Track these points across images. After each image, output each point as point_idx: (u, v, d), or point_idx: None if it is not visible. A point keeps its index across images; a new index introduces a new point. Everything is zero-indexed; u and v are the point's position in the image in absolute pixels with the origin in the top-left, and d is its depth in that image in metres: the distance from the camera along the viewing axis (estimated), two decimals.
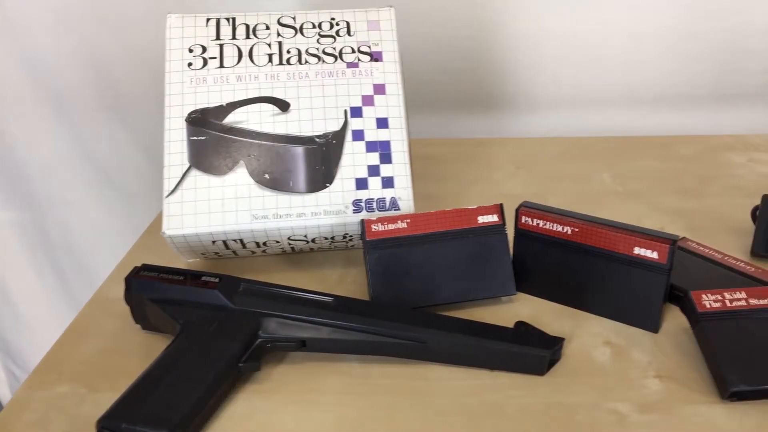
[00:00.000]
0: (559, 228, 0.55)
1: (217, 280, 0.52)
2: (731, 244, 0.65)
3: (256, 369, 0.49)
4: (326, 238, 0.62)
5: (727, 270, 0.58)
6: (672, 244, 0.50)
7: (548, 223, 0.56)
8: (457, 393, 0.49)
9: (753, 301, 0.49)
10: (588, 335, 0.54)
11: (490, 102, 0.98)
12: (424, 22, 0.91)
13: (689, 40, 0.92)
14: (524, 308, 0.58)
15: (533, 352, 0.49)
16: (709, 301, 0.49)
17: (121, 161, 1.04)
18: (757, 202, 0.65)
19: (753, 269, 0.57)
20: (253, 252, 0.64)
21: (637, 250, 0.52)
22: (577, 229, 0.54)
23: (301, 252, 0.66)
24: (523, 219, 0.57)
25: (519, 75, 0.96)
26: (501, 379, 0.50)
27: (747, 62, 0.93)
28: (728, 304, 0.49)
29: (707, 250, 0.60)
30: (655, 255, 0.51)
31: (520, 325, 0.53)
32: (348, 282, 0.62)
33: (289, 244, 0.62)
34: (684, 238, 0.63)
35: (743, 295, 0.50)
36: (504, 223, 0.58)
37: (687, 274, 0.57)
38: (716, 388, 0.47)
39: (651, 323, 0.54)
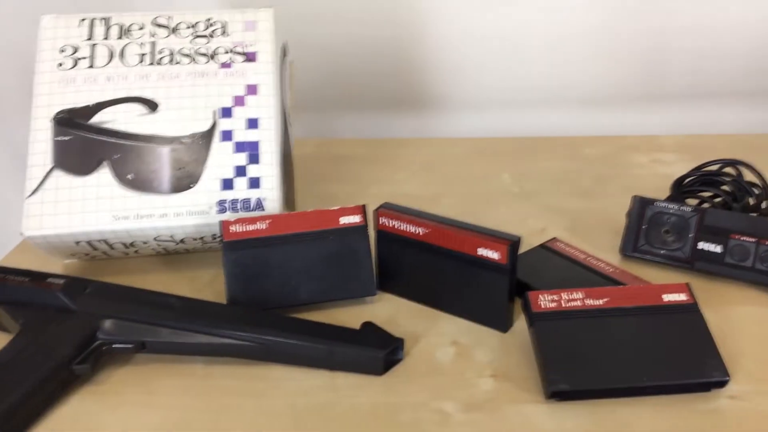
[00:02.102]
0: (413, 229, 0.55)
1: (62, 281, 0.52)
2: (607, 245, 0.65)
3: (89, 371, 0.49)
4: (195, 239, 0.62)
5: (586, 270, 0.58)
6: (511, 244, 0.50)
7: (403, 224, 0.56)
8: (291, 393, 0.49)
9: (588, 302, 0.49)
10: (438, 335, 0.54)
11: (417, 103, 0.98)
12: (344, 23, 0.91)
13: (612, 41, 0.92)
14: (385, 308, 0.58)
15: (368, 352, 0.49)
16: (545, 301, 0.49)
17: None
18: None
19: (612, 270, 0.58)
20: (126, 253, 0.63)
21: (480, 251, 0.52)
22: (428, 230, 0.54)
23: (176, 253, 0.66)
24: (381, 220, 0.57)
25: (445, 76, 0.96)
26: (339, 380, 0.50)
27: (670, 63, 0.94)
28: (564, 305, 0.49)
29: (572, 251, 0.61)
30: (496, 255, 0.51)
31: (366, 325, 0.53)
32: (218, 283, 0.62)
33: (159, 244, 0.62)
34: (554, 238, 0.63)
35: (580, 295, 0.50)
36: (366, 224, 0.58)
37: (547, 275, 0.58)
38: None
39: (499, 323, 0.54)
